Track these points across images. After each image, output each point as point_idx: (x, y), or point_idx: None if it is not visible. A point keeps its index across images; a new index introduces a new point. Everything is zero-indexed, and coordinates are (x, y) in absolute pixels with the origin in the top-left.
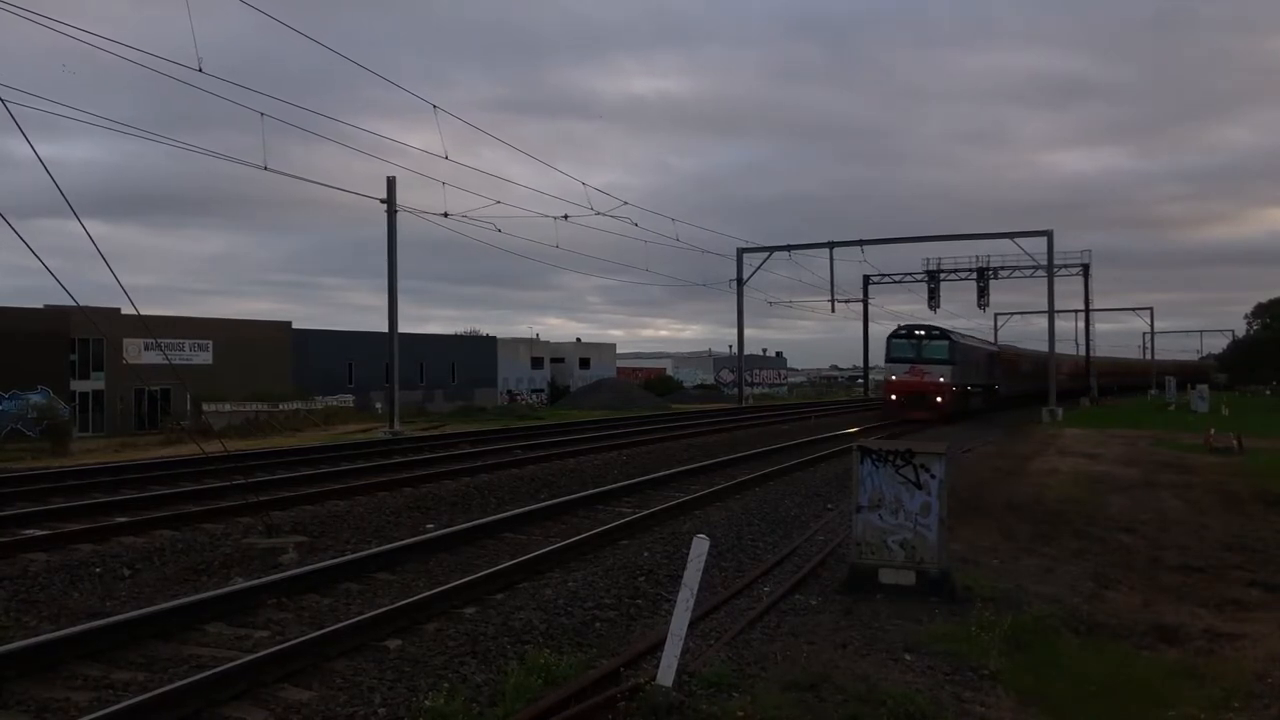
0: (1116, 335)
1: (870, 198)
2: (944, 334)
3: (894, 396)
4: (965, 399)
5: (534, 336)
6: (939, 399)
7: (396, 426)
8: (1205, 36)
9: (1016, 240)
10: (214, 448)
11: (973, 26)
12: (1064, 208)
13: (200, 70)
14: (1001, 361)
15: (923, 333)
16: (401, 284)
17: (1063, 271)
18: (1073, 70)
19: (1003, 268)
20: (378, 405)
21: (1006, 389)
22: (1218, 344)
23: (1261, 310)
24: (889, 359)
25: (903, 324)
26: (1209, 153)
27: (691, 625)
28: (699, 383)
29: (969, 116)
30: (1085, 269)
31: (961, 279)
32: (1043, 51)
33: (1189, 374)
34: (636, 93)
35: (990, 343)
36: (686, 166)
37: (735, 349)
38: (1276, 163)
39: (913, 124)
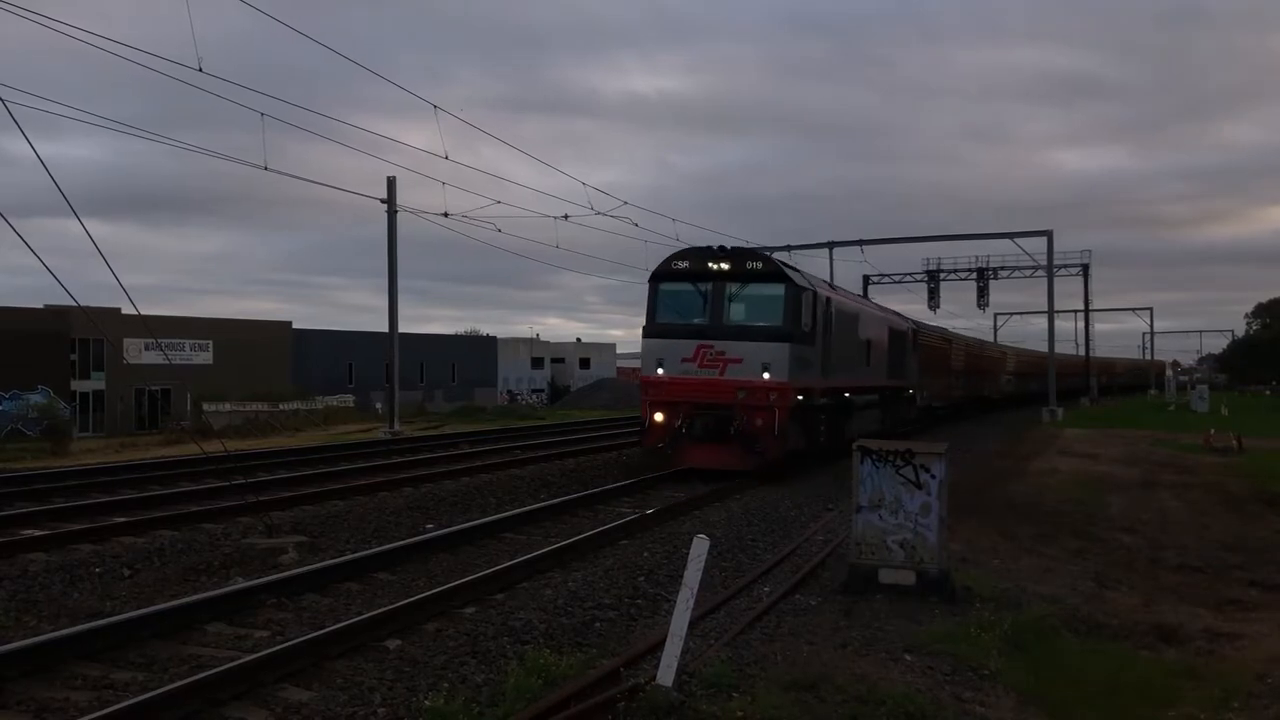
0: (1116, 335)
1: (871, 197)
2: (775, 271)
3: (660, 416)
4: (835, 419)
5: (534, 336)
6: (760, 421)
7: (396, 426)
8: (1210, 32)
9: (1016, 240)
10: (214, 448)
11: (976, 23)
12: (1064, 207)
13: (200, 70)
14: (922, 348)
15: (726, 266)
16: (401, 284)
17: (1063, 271)
18: (1076, 67)
19: (1003, 268)
20: (378, 405)
21: (930, 394)
22: (1218, 344)
23: (1261, 310)
24: (650, 329)
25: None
26: (1212, 151)
27: (691, 625)
28: None
29: (971, 114)
30: (1085, 269)
31: (961, 279)
32: (1046, 48)
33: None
34: (637, 91)
35: (894, 312)
36: (687, 165)
37: None
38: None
39: (915, 121)
